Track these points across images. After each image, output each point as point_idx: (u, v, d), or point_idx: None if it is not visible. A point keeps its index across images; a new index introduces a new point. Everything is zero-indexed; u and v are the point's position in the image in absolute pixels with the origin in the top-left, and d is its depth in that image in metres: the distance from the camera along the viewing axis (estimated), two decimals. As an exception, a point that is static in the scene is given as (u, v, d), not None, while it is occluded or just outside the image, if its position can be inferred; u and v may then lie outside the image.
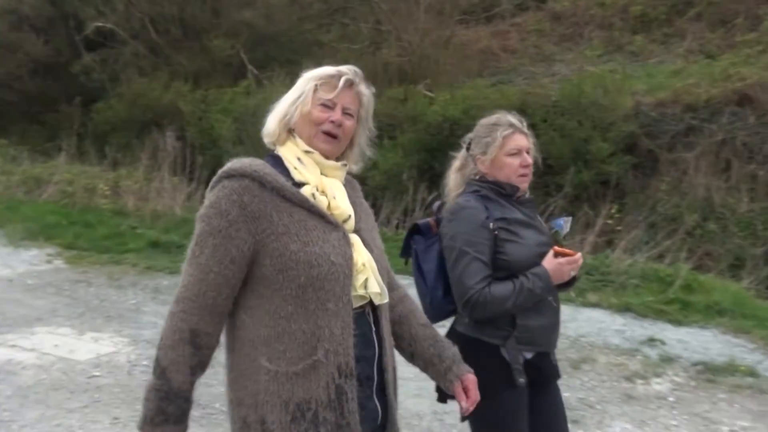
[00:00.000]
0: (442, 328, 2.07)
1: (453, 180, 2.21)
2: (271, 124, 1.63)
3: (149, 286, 6.34)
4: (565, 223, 2.15)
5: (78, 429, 3.45)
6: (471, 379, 1.75)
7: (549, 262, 1.99)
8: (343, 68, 1.62)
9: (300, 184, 1.56)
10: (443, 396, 1.96)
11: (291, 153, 1.60)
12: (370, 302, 1.58)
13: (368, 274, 1.56)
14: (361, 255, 1.57)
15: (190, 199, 9.49)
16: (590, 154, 8.44)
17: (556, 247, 2.00)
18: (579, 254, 2.01)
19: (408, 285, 1.94)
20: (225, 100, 10.15)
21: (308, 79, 1.61)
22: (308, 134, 1.59)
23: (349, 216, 1.60)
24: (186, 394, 1.50)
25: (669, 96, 9.14)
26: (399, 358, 1.73)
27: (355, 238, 1.59)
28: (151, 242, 7.88)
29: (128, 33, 11.57)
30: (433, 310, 2.11)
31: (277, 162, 1.60)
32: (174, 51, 11.61)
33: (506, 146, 2.08)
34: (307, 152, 1.59)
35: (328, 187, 1.59)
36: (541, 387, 2.09)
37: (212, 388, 4.00)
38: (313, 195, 1.55)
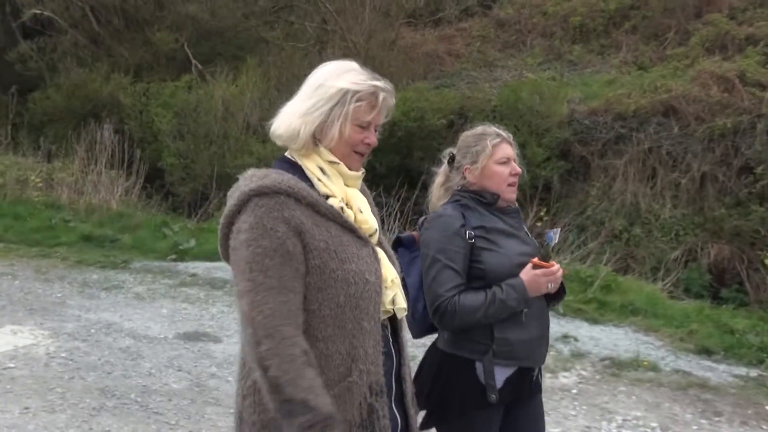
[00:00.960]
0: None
1: (436, 194, 2.18)
2: (302, 132, 1.49)
3: (77, 279, 6.24)
4: (554, 235, 2.16)
5: (-15, 420, 3.41)
6: None
7: (526, 273, 1.95)
8: (380, 84, 1.53)
9: (325, 197, 1.49)
10: None
11: (313, 163, 1.52)
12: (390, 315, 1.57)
13: (396, 291, 1.55)
14: (389, 271, 1.54)
15: (128, 194, 9.35)
16: (526, 159, 8.71)
17: (534, 260, 1.97)
18: (557, 266, 1.97)
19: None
20: (166, 94, 10.04)
21: (344, 92, 1.49)
22: (341, 153, 1.52)
23: (375, 230, 1.57)
24: (337, 415, 1.38)
25: (601, 105, 9.51)
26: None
27: (381, 254, 1.55)
28: (84, 236, 7.75)
29: (67, 22, 11.28)
30: (415, 323, 2.08)
31: (296, 171, 1.51)
32: (115, 42, 11.38)
33: (496, 155, 2.06)
34: (331, 162, 1.52)
35: (352, 199, 1.54)
36: (520, 402, 2.05)
37: (130, 380, 4.03)
38: (341, 209, 1.50)
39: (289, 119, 1.51)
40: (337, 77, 1.51)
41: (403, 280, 2.04)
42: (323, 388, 1.37)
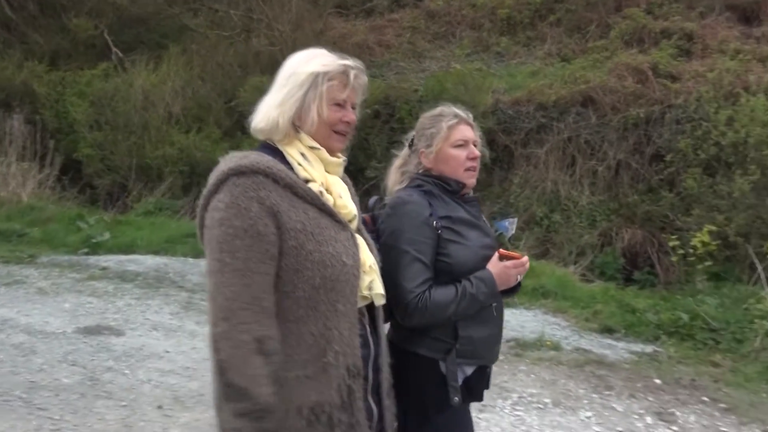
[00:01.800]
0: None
1: (393, 177, 2.05)
2: (280, 121, 1.51)
3: (-23, 275, 5.94)
4: (510, 225, 2.09)
5: None
6: None
7: (494, 265, 1.84)
8: (349, 62, 1.56)
9: (305, 181, 1.50)
10: None
11: (295, 149, 1.53)
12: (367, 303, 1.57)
13: (373, 276, 1.56)
14: (367, 256, 1.56)
15: (41, 187, 8.97)
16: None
17: (501, 250, 1.86)
18: (526, 257, 1.88)
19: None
20: (82, 83, 9.65)
21: (315, 75, 1.52)
22: (322, 135, 1.54)
23: (355, 216, 1.58)
24: (275, 407, 1.36)
25: (524, 95, 9.72)
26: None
27: (360, 239, 1.57)
28: (-11, 230, 7.39)
29: (-24, 6, 10.70)
30: None
31: (277, 155, 1.51)
32: (30, 28, 10.86)
33: (452, 137, 1.94)
34: (312, 148, 1.54)
35: (332, 185, 1.55)
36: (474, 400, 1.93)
37: (17, 376, 3.86)
38: (320, 193, 1.50)
39: (268, 112, 1.53)
40: (306, 63, 1.54)
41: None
42: (268, 379, 1.35)
